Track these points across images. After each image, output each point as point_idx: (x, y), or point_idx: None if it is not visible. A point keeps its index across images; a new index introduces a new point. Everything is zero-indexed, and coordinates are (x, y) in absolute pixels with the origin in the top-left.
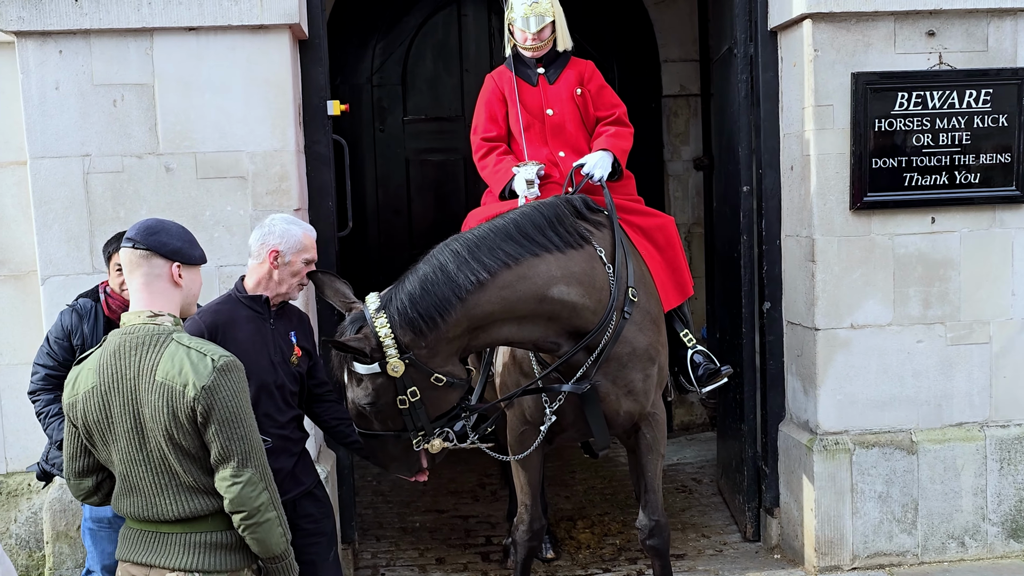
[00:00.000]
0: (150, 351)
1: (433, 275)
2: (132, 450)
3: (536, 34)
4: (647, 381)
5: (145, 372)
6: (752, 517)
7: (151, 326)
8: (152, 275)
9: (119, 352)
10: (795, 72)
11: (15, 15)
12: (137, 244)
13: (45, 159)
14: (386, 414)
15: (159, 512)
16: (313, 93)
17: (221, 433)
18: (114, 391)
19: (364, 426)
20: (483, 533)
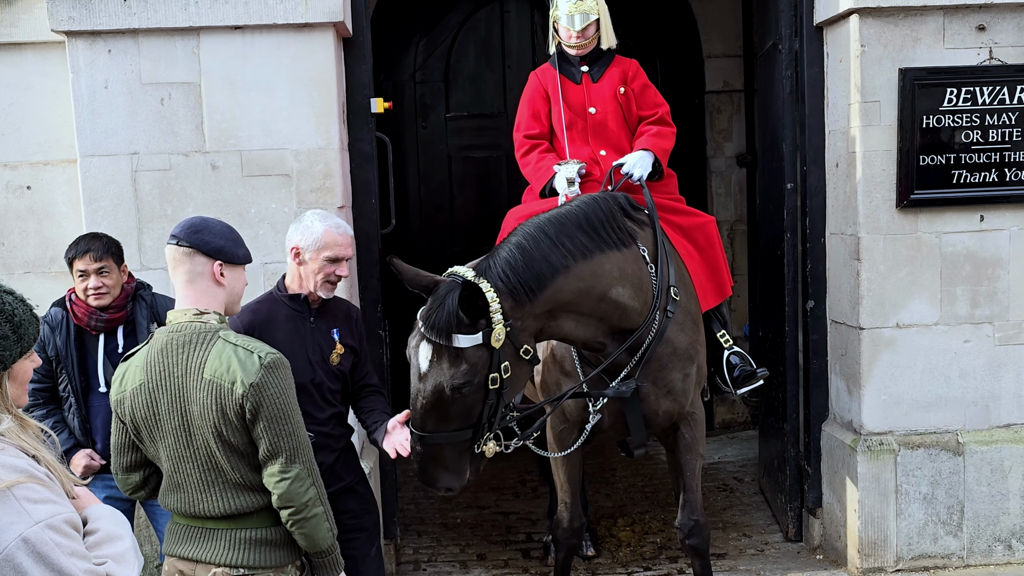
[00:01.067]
0: (197, 349)
1: (530, 249)
2: (179, 447)
3: (580, 32)
4: (686, 381)
5: (193, 370)
6: (794, 517)
7: (197, 324)
8: (195, 273)
9: (166, 350)
10: (841, 68)
11: (65, 15)
12: (180, 242)
13: (95, 157)
14: (470, 400)
15: (206, 508)
16: (357, 91)
17: (269, 430)
18: (161, 388)
19: (433, 424)
20: (524, 530)
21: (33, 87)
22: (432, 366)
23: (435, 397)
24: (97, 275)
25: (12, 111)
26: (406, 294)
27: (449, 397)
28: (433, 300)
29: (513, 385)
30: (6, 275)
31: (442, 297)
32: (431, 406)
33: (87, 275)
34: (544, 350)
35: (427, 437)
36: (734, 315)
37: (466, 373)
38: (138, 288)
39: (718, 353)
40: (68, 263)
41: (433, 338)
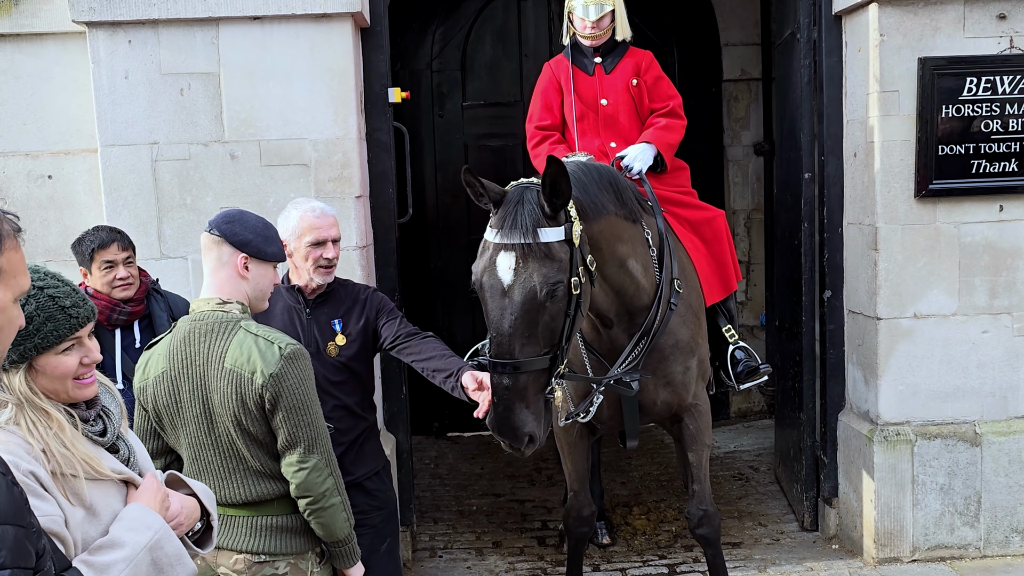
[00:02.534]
0: (219, 338)
1: (584, 181)
2: (200, 434)
3: (595, 22)
4: (687, 374)
5: (214, 359)
6: (810, 506)
7: (219, 313)
8: (220, 262)
9: (189, 338)
10: (860, 57)
11: (86, 6)
12: (213, 229)
13: (115, 147)
14: (555, 311)
15: (227, 495)
16: (375, 80)
17: (288, 420)
18: (184, 376)
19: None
20: (539, 518)
21: (54, 77)
22: (518, 274)
23: (525, 309)
24: (124, 265)
25: (33, 101)
26: (422, 284)
27: (539, 306)
28: (505, 206)
29: (583, 301)
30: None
31: (516, 198)
32: (521, 322)
33: (115, 265)
34: None
35: (519, 364)
36: (751, 304)
37: (558, 271)
38: (152, 284)
39: (723, 347)
40: (87, 255)
41: (517, 240)
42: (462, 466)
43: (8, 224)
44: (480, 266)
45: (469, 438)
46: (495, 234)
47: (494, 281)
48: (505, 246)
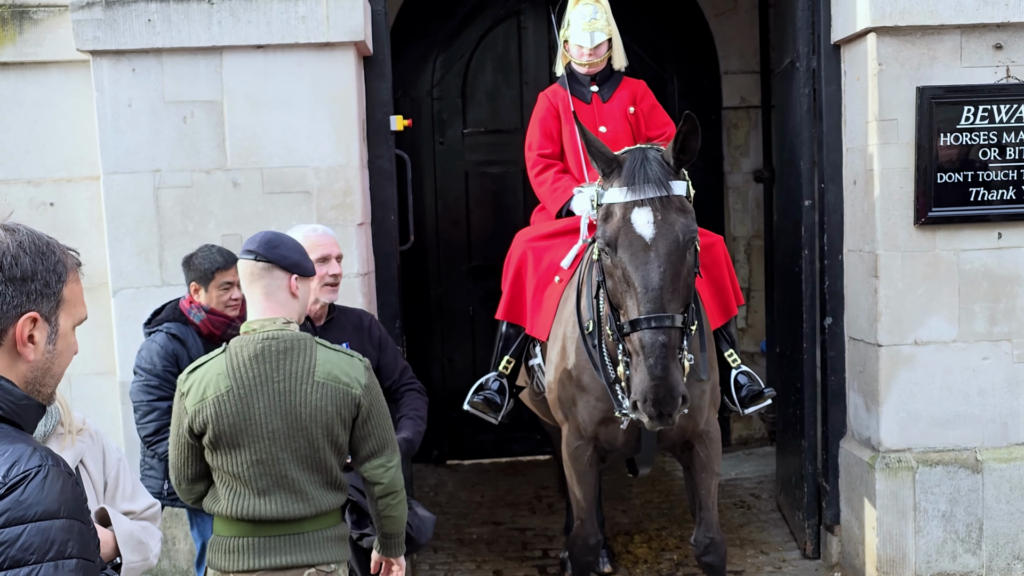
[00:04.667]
0: (300, 354)
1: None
2: (275, 449)
3: (593, 50)
4: (702, 399)
5: (301, 373)
6: (812, 534)
7: (289, 332)
8: (273, 286)
9: (263, 356)
10: (859, 86)
11: (91, 35)
12: (259, 256)
13: (118, 174)
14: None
15: (297, 509)
16: (377, 108)
17: (379, 425)
18: (257, 393)
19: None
20: (540, 546)
21: (57, 105)
22: (659, 226)
23: (671, 260)
24: (237, 287)
25: (36, 128)
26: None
27: (681, 258)
28: (631, 164)
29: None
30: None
31: (640, 157)
32: (668, 274)
33: (231, 286)
34: (557, 368)
35: (675, 318)
36: (751, 330)
37: (693, 220)
38: None
39: (725, 372)
40: (208, 275)
41: (651, 193)
42: (462, 494)
43: (71, 258)
44: (612, 227)
45: (468, 466)
46: (624, 193)
47: (633, 238)
48: (639, 202)
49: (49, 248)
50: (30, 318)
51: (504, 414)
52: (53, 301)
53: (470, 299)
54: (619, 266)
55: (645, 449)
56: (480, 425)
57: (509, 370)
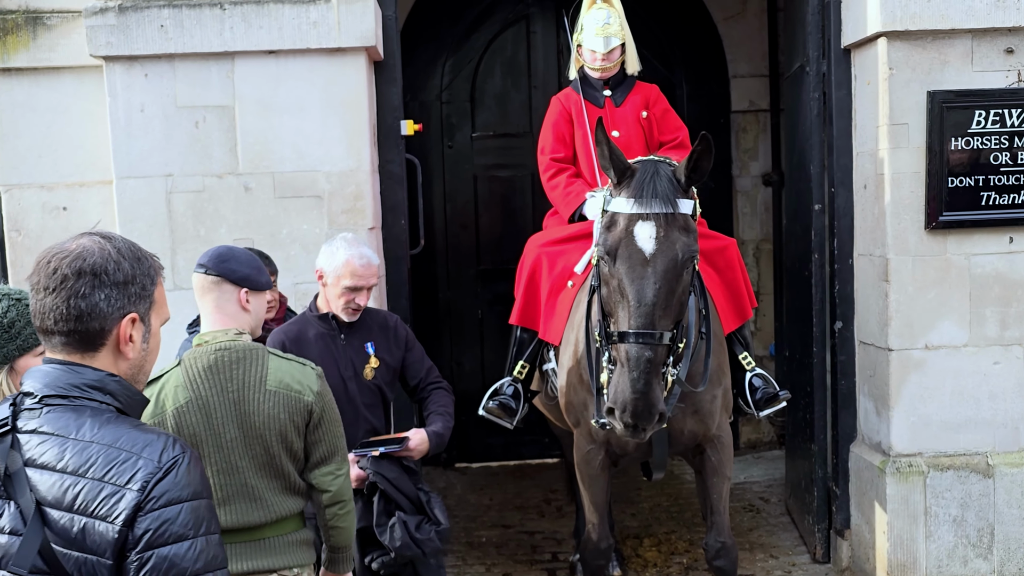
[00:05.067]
0: (253, 364)
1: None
2: (235, 457)
3: (606, 55)
4: (713, 403)
5: (253, 382)
6: (822, 538)
7: (241, 342)
8: (223, 299)
9: (216, 367)
10: (869, 90)
11: (104, 40)
12: (209, 270)
13: (130, 179)
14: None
15: (258, 516)
16: (387, 113)
17: (329, 432)
18: (215, 403)
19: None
20: (549, 549)
21: (70, 110)
22: (660, 242)
23: (667, 278)
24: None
25: (49, 133)
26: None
27: (677, 276)
28: (640, 177)
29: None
30: None
31: (651, 171)
32: (663, 291)
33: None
34: (569, 372)
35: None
36: (760, 334)
37: (695, 240)
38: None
39: (740, 375)
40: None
41: (657, 209)
42: (471, 497)
43: (156, 263)
44: (614, 237)
45: (477, 469)
46: (631, 204)
47: (633, 251)
48: (643, 216)
49: (141, 253)
50: (131, 319)
51: (519, 419)
52: (147, 303)
53: (479, 302)
54: (616, 276)
55: (658, 454)
56: (489, 428)
57: (523, 375)
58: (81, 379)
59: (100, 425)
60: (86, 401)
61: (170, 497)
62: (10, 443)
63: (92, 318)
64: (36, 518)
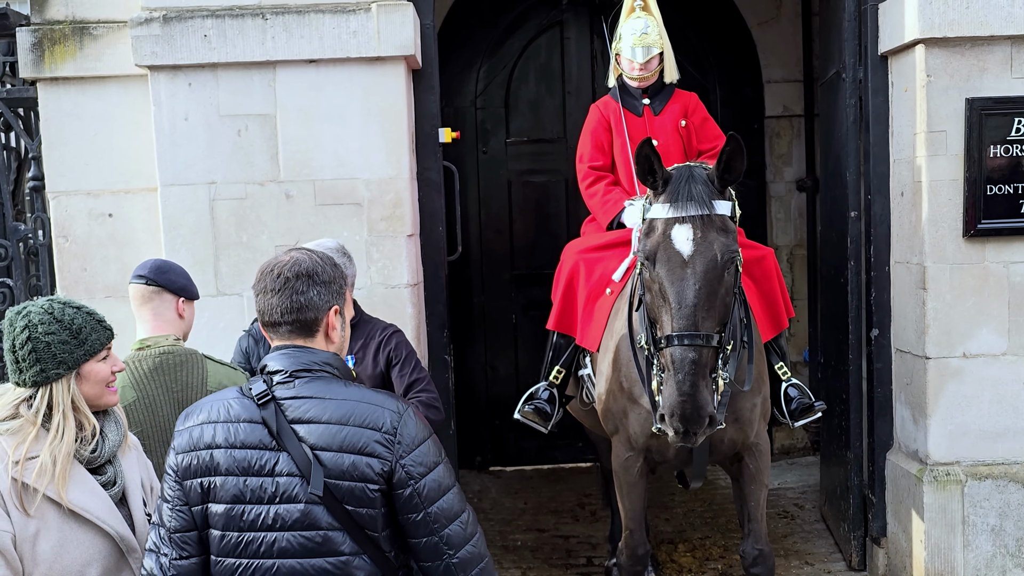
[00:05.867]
0: (194, 367)
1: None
2: None
3: (644, 64)
4: (753, 411)
5: (196, 383)
6: (858, 546)
7: (180, 347)
8: (162, 307)
9: (161, 369)
10: (906, 97)
11: (149, 50)
12: (149, 281)
13: (174, 186)
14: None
15: None
16: (425, 121)
17: None
18: (160, 402)
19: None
20: (584, 554)
21: (116, 119)
22: (698, 244)
23: (708, 279)
24: None
25: (96, 142)
26: (466, 319)
27: (719, 276)
28: (675, 182)
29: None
30: (88, 299)
31: (686, 175)
32: (704, 292)
33: None
34: (607, 379)
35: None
36: (794, 340)
37: (734, 241)
38: None
39: (775, 385)
40: None
41: (694, 211)
42: (505, 500)
43: (343, 270)
44: (653, 242)
45: (511, 472)
46: (667, 209)
47: (671, 253)
48: (680, 219)
49: (335, 261)
50: (334, 310)
51: (554, 423)
52: (342, 299)
53: (513, 307)
54: (656, 281)
55: (697, 463)
56: (523, 432)
57: (559, 380)
58: (316, 357)
59: (342, 388)
60: (323, 373)
61: (416, 437)
62: (274, 409)
63: (308, 310)
64: (314, 459)
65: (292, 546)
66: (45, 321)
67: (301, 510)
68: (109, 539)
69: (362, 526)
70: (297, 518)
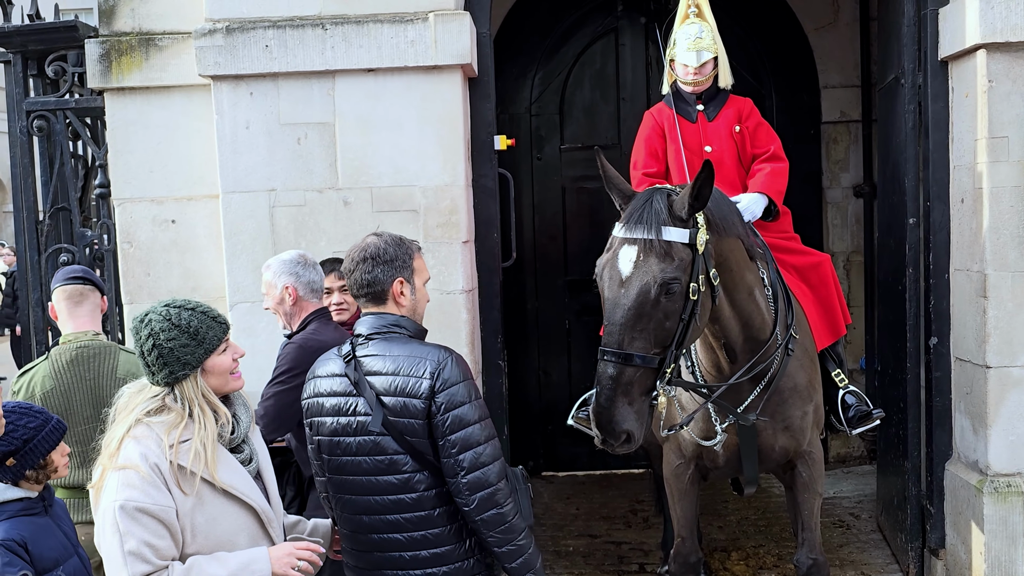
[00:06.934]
0: (107, 358)
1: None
2: (89, 431)
3: (698, 68)
4: (804, 419)
5: (107, 372)
6: (915, 557)
7: (98, 341)
8: (93, 304)
9: (78, 360)
10: (967, 103)
11: (212, 60)
12: (86, 281)
13: (235, 194)
14: (670, 310)
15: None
16: (481, 128)
17: None
18: (75, 389)
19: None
20: (636, 560)
21: (179, 127)
22: (637, 267)
23: (638, 303)
24: (340, 291)
25: (160, 149)
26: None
27: (652, 301)
28: (635, 203)
29: (702, 313)
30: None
31: (646, 197)
32: (632, 314)
33: (331, 291)
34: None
35: (625, 356)
36: (850, 347)
37: (675, 269)
38: None
39: (833, 392)
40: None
41: (639, 234)
42: (557, 506)
43: (415, 245)
44: (604, 259)
45: (563, 478)
46: (621, 229)
47: (613, 272)
48: (628, 240)
49: (402, 240)
50: (399, 281)
51: None
52: (409, 270)
53: (566, 313)
54: (601, 295)
55: (748, 470)
56: (574, 437)
57: None
58: (386, 321)
59: (402, 344)
60: (391, 333)
61: (450, 379)
62: (354, 365)
63: (375, 284)
64: (377, 403)
65: (370, 467)
66: (165, 328)
67: (373, 440)
68: (253, 512)
69: (419, 451)
70: (371, 447)
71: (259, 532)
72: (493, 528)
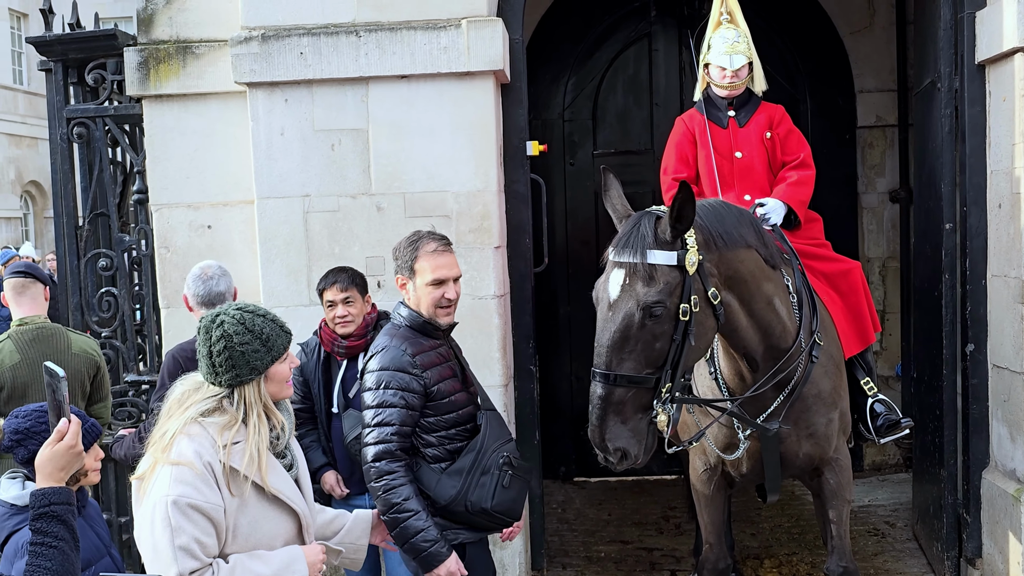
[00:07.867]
0: (61, 337)
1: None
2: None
3: (735, 72)
4: (829, 426)
5: (63, 348)
6: (951, 566)
7: (50, 324)
8: (36, 294)
9: (39, 338)
10: (1004, 107)
11: (247, 68)
12: (27, 275)
13: (270, 199)
14: (658, 332)
15: None
16: (513, 134)
17: (105, 381)
18: (38, 362)
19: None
20: (668, 567)
21: (216, 133)
22: (624, 290)
23: (624, 325)
24: (343, 304)
25: (196, 156)
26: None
27: (638, 324)
28: (625, 227)
29: (699, 332)
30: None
31: (636, 221)
32: (619, 337)
33: (335, 304)
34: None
35: (613, 377)
36: (886, 354)
37: (659, 292)
38: (379, 318)
39: (861, 400)
40: (319, 294)
41: (626, 258)
42: (589, 511)
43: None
44: (599, 280)
45: (595, 483)
46: (612, 252)
47: (603, 295)
48: (617, 264)
49: (410, 240)
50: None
51: None
52: (410, 272)
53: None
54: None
55: (770, 477)
56: None
57: None
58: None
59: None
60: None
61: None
62: None
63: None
64: None
65: None
66: (239, 332)
67: None
68: (294, 516)
69: None
70: None
71: (295, 537)
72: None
